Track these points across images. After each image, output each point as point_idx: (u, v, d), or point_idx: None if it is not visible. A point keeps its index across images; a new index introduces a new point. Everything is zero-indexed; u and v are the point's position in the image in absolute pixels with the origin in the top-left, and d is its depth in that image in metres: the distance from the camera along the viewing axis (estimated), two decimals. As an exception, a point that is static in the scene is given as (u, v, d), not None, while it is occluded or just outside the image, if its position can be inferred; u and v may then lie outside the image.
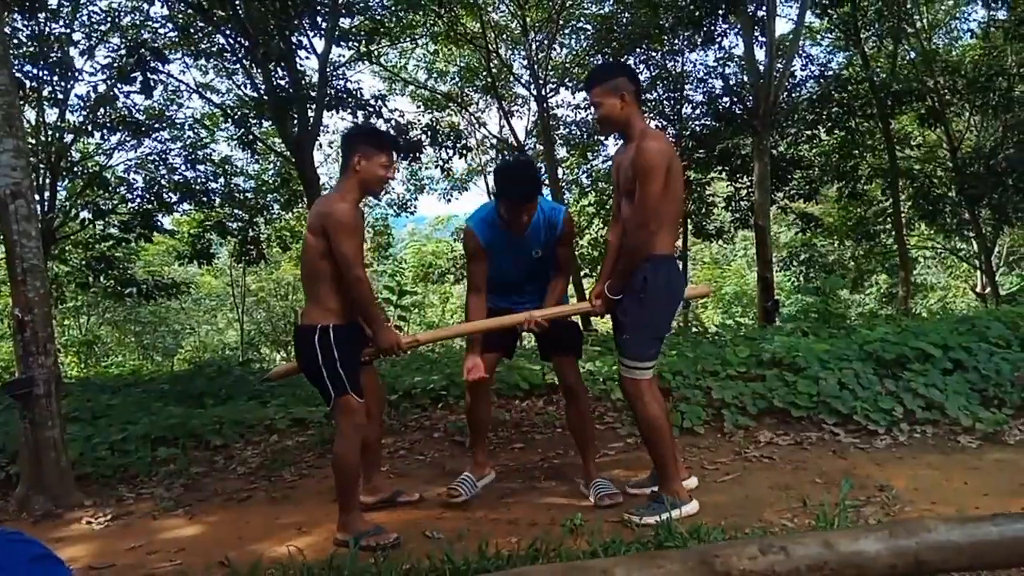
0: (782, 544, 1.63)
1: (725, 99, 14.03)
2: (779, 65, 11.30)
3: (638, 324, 3.11)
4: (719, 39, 13.93)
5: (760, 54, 11.33)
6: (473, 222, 3.42)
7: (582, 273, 15.84)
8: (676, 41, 14.43)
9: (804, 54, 15.05)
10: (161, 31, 11.57)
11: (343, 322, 3.04)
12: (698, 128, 15.13)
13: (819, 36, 16.77)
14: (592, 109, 3.16)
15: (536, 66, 16.11)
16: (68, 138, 11.90)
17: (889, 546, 1.64)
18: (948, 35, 17.52)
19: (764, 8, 11.26)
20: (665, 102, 15.53)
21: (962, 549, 1.65)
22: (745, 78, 12.99)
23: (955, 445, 4.03)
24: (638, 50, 14.61)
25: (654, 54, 14.96)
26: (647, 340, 3.13)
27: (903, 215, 15.78)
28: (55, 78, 10.91)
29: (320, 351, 2.98)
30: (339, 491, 3.11)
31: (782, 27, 15.44)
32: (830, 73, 15.17)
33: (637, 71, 14.55)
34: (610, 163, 16.38)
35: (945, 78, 14.76)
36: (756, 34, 11.62)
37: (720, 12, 12.36)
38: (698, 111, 15.33)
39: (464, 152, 14.12)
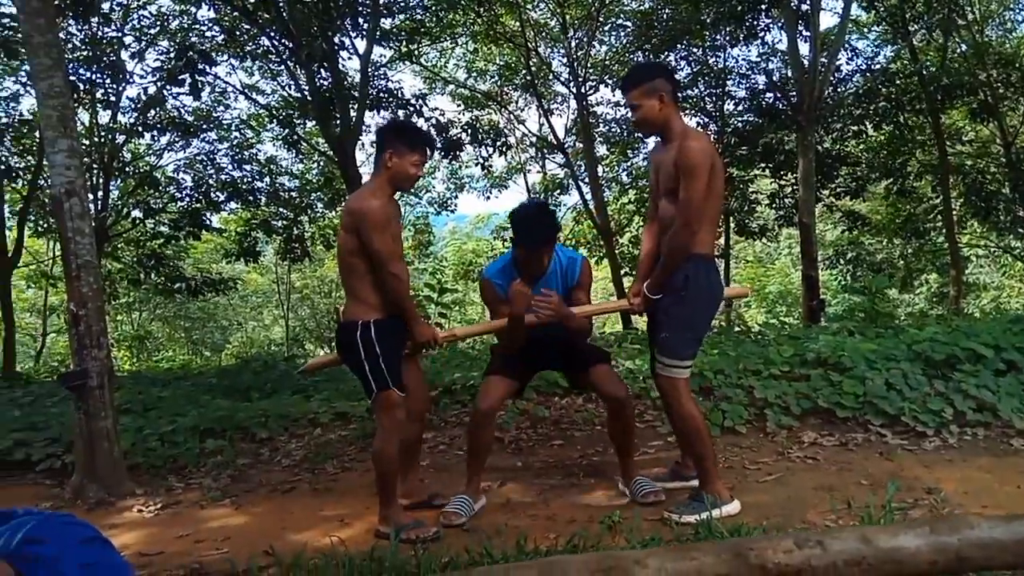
0: (819, 538, 1.61)
1: (768, 95, 13.80)
2: (824, 59, 11.07)
3: (678, 323, 3.09)
4: (762, 34, 13.70)
5: (804, 48, 11.13)
6: (490, 273, 3.42)
7: (622, 272, 15.73)
8: (718, 37, 14.24)
9: (850, 48, 14.74)
10: (208, 34, 11.83)
11: (384, 316, 3.07)
12: (740, 124, 14.92)
13: (866, 29, 16.38)
14: (629, 112, 3.16)
15: (575, 63, 16.05)
16: (120, 139, 12.27)
17: (930, 542, 1.61)
18: (1001, 27, 16.97)
19: (808, 2, 11.05)
20: (707, 99, 15.34)
21: (1006, 546, 1.61)
22: (789, 73, 12.76)
23: (1008, 448, 3.92)
24: (679, 46, 14.47)
25: (695, 50, 14.79)
26: (686, 340, 3.11)
27: (954, 212, 15.33)
28: (107, 81, 11.28)
29: (362, 346, 3.02)
30: (379, 485, 3.15)
31: (827, 20, 15.12)
32: (877, 67, 14.80)
33: (678, 68, 14.36)
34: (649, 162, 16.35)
35: (998, 71, 14.29)
36: (800, 28, 11.42)
37: (763, 6, 12.17)
38: (740, 107, 15.11)
39: (504, 150, 14.16)
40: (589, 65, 16.31)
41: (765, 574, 1.58)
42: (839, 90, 14.05)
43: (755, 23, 13.07)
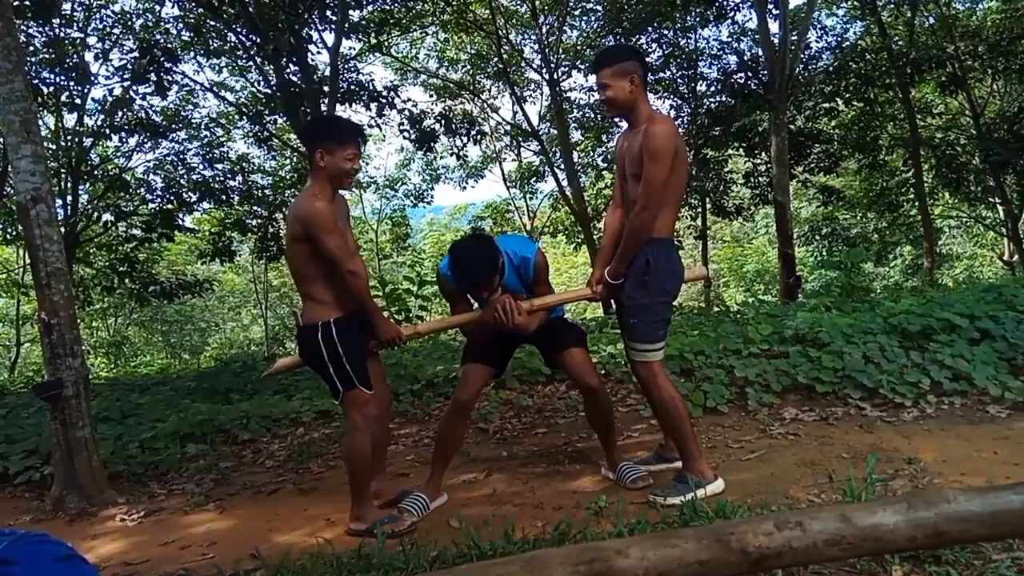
0: (798, 519, 1.62)
1: (740, 75, 13.83)
2: (794, 37, 11.12)
3: (644, 308, 3.10)
4: (732, 14, 13.73)
5: (774, 27, 11.14)
6: (444, 268, 3.28)
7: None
8: (688, 18, 14.25)
9: (819, 25, 14.80)
10: (173, 32, 11.64)
11: (343, 314, 3.03)
12: (713, 106, 14.97)
13: (834, 6, 16.47)
14: (598, 91, 3.15)
15: (547, 50, 15.99)
16: (87, 142, 12.05)
17: (908, 518, 1.62)
18: (967, -1, 17.14)
19: (777, -20, 11.06)
20: (679, 80, 15.37)
21: (983, 519, 1.62)
22: (760, 52, 12.80)
23: (984, 415, 3.98)
24: (649, 29, 14.45)
25: (666, 32, 14.80)
26: (654, 323, 3.12)
27: (926, 184, 15.51)
28: (72, 83, 11.04)
29: (324, 347, 2.98)
30: (352, 482, 3.12)
31: (796, -2, 15.16)
32: (847, 44, 14.90)
33: (649, 51, 14.31)
34: (624, 145, 16.37)
35: (966, 43, 14.43)
36: (769, 6, 11.43)
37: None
38: (713, 88, 15.18)
39: (478, 139, 14.08)
40: (561, 51, 16.27)
41: (747, 558, 1.59)
42: (810, 68, 14.12)
43: (724, 3, 13.08)
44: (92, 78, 11.24)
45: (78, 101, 11.44)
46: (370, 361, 3.19)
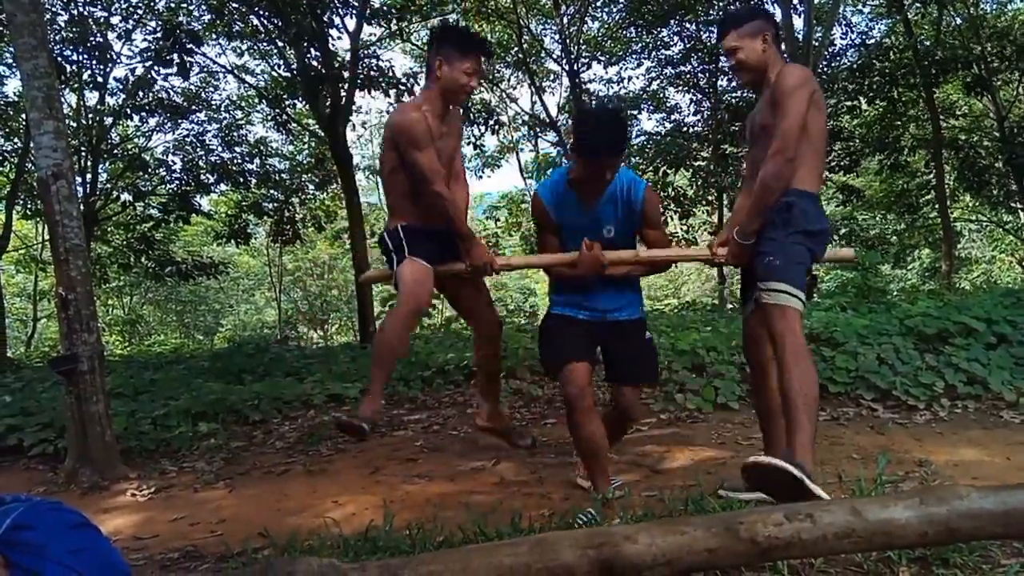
0: (808, 511, 1.61)
1: (762, 71, 13.70)
2: (818, 34, 11.00)
3: (782, 245, 2.60)
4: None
5: (798, 23, 11.03)
6: (541, 190, 3.07)
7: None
8: (711, 12, 14.12)
9: (844, 22, 14.63)
10: (196, 13, 11.68)
11: (415, 223, 2.93)
12: (734, 101, 14.84)
13: (860, 3, 16.27)
14: (726, 57, 2.84)
15: (568, 40, 15.90)
16: (108, 121, 12.14)
17: (920, 514, 1.61)
18: (996, 0, 16.87)
19: (802, -25, 10.94)
20: (700, 75, 15.25)
21: (996, 517, 1.61)
22: (783, 48, 12.66)
23: (997, 420, 3.95)
24: (672, 22, 14.34)
25: (688, 25, 14.67)
26: (795, 264, 2.59)
27: (947, 187, 15.33)
28: (94, 62, 11.12)
29: (390, 242, 2.94)
30: (374, 367, 2.93)
31: (821, -6, 14.98)
32: (871, 41, 14.73)
33: (671, 44, 14.14)
34: (643, 138, 16.18)
35: (993, 44, 14.22)
36: (794, 2, 11.32)
37: (757, -20, 12.02)
38: (734, 83, 15.02)
39: (496, 129, 14.06)
40: (582, 42, 16.18)
41: (755, 547, 1.58)
42: (833, 65, 13.97)
43: (749, -2, 12.95)
44: (115, 57, 11.31)
45: (100, 80, 11.53)
46: (468, 287, 3.06)
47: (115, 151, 13.05)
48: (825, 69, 13.04)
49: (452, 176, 3.01)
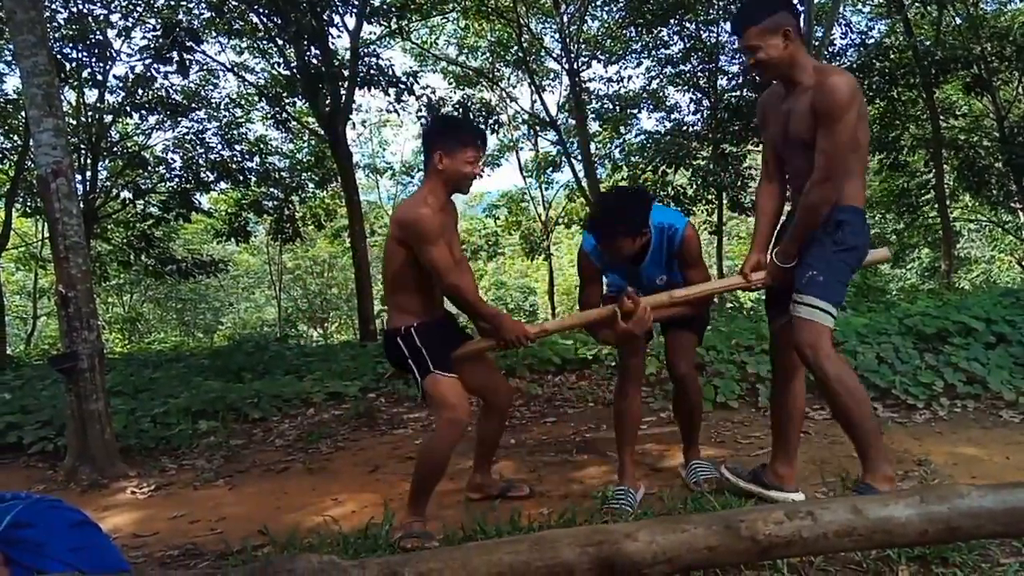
0: (809, 509, 1.61)
1: (762, 70, 13.69)
2: (818, 33, 10.99)
3: (828, 261, 2.55)
4: (756, 7, 13.56)
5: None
6: (588, 246, 3.04)
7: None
8: (711, 11, 14.12)
9: (844, 21, 14.63)
10: (195, 11, 11.66)
11: (425, 320, 2.89)
12: (734, 100, 14.83)
13: (860, 3, 16.27)
14: (745, 55, 2.67)
15: (568, 39, 15.89)
16: (107, 118, 12.12)
17: (920, 512, 1.61)
18: (996, 0, 16.88)
19: (803, -26, 10.94)
20: (700, 74, 15.24)
21: (996, 516, 1.61)
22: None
23: (996, 420, 3.95)
24: (671, 21, 14.33)
25: (688, 25, 14.66)
26: (837, 282, 2.56)
27: (947, 186, 15.33)
28: (94, 59, 11.10)
29: (406, 347, 2.85)
30: (414, 480, 2.91)
31: (821, -6, 14.98)
32: (871, 41, 14.72)
33: (670, 43, 14.06)
34: (643, 137, 16.17)
35: (993, 44, 14.20)
36: (794, 1, 11.32)
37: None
38: (734, 83, 15.02)
39: (496, 128, 14.05)
40: (581, 40, 16.18)
41: (756, 545, 1.58)
42: (833, 64, 13.97)
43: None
44: (114, 55, 11.30)
45: (100, 78, 11.51)
46: (479, 362, 3.03)
47: (115, 149, 13.03)
48: (825, 68, 13.02)
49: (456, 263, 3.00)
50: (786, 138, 2.69)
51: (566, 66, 16.16)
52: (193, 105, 13.15)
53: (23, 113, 10.47)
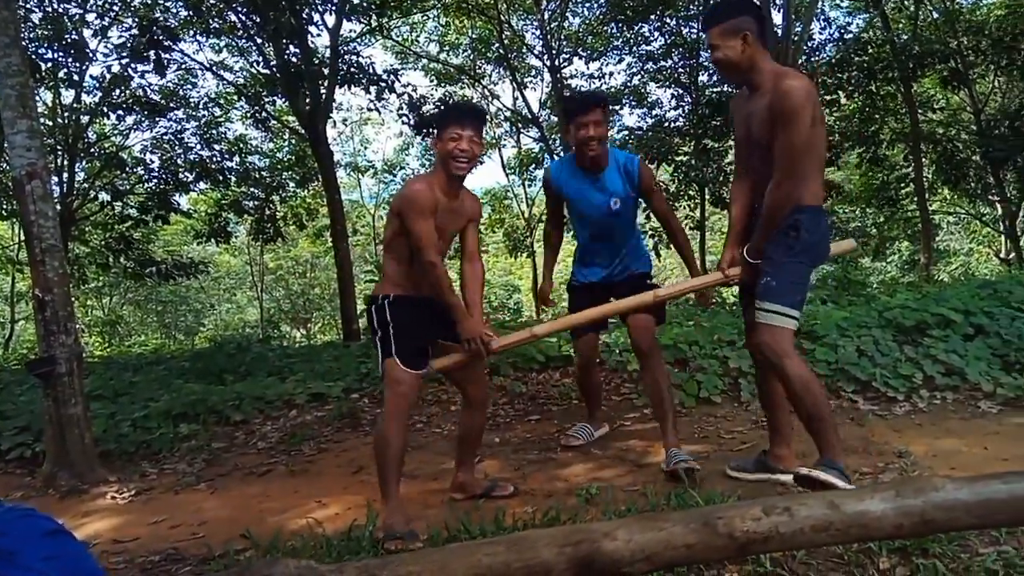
0: (786, 505, 1.62)
1: (742, 65, 13.74)
2: (797, 28, 11.06)
3: (781, 265, 2.71)
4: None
5: (777, 17, 11.09)
6: (552, 164, 3.54)
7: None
8: (691, 7, 14.17)
9: (823, 16, 14.73)
10: (172, 9, 11.54)
11: (404, 293, 2.93)
12: (715, 96, 14.90)
13: (838, -1, 16.40)
14: (710, 52, 2.83)
15: (549, 36, 15.89)
16: (84, 119, 11.98)
17: (895, 506, 1.63)
18: (971, -6, 17.05)
19: (781, -30, 11.01)
20: (681, 70, 15.29)
21: (970, 508, 1.63)
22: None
23: (975, 411, 3.99)
24: (652, 17, 14.36)
25: (669, 20, 14.71)
26: (792, 283, 2.72)
27: (926, 180, 15.49)
28: (70, 60, 10.95)
29: (376, 319, 2.92)
30: (378, 474, 2.89)
31: (800, -10, 15.07)
32: (850, 36, 14.84)
33: (651, 39, 14.07)
34: (625, 133, 16.22)
35: (969, 38, 14.37)
36: (758, 4, 11.38)
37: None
38: (715, 78, 15.07)
39: (478, 125, 13.98)
40: (563, 37, 16.18)
41: (734, 542, 1.59)
42: (812, 59, 14.06)
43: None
44: (90, 55, 11.15)
45: (76, 78, 11.36)
46: (449, 348, 3.02)
47: (92, 150, 12.87)
48: (804, 64, 13.11)
49: (466, 255, 3.13)
50: (748, 139, 2.84)
51: (548, 63, 16.18)
52: (171, 105, 13.01)
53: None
